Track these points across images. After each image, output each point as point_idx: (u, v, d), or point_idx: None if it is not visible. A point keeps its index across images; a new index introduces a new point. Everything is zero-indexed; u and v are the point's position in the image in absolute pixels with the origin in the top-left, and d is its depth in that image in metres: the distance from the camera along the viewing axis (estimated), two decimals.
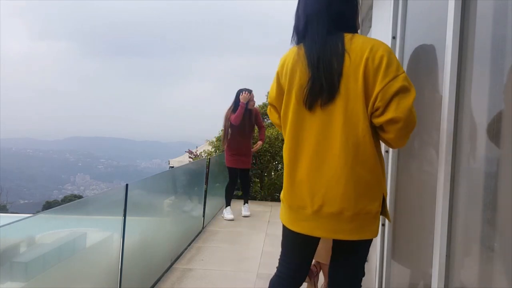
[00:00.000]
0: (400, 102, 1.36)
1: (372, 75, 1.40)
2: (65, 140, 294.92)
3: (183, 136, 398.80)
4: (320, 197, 1.46)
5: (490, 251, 1.08)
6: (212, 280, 3.12)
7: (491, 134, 1.09)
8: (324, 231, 1.49)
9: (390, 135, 1.43)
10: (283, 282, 1.69)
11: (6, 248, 1.64)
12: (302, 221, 1.52)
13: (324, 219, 1.47)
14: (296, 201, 1.53)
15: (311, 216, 1.49)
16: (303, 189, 1.50)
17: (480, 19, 1.19)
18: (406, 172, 1.86)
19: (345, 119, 1.43)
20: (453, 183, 1.26)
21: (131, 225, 2.45)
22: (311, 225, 1.50)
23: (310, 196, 1.48)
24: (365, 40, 1.46)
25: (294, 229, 1.56)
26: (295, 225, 1.56)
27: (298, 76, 1.52)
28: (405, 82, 1.37)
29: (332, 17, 1.50)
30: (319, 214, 1.47)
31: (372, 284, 2.22)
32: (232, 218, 5.13)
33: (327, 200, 1.45)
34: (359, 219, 1.45)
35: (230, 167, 5.34)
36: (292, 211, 1.56)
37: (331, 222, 1.46)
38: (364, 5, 3.36)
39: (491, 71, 1.11)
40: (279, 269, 1.73)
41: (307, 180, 1.49)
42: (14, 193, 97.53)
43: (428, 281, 1.39)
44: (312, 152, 1.49)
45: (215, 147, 6.91)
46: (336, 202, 1.44)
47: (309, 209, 1.49)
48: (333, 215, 1.45)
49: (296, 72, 1.53)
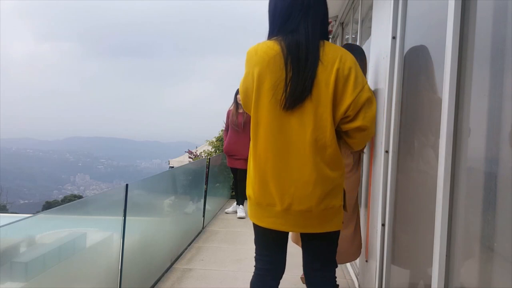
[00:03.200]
0: (367, 111, 1.51)
1: (342, 85, 1.50)
2: (65, 140, 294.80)
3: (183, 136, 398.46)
4: (290, 195, 1.52)
5: (490, 251, 1.08)
6: (212, 280, 3.12)
7: (491, 134, 1.09)
8: (292, 226, 1.57)
9: (355, 140, 1.58)
10: (262, 278, 1.73)
11: (6, 248, 1.64)
12: (271, 217, 1.58)
13: (293, 216, 1.55)
14: (266, 199, 1.57)
15: (280, 213, 1.55)
16: (272, 187, 1.55)
17: (480, 19, 1.19)
18: (406, 172, 1.86)
19: (315, 122, 1.50)
20: (453, 183, 1.26)
21: (131, 225, 2.45)
22: (279, 221, 1.56)
23: (280, 194, 1.54)
24: (335, 49, 1.55)
25: (263, 225, 1.62)
26: (263, 221, 1.61)
27: (271, 73, 1.52)
28: (370, 93, 1.52)
29: (313, 20, 1.55)
30: (288, 212, 1.54)
31: (372, 284, 2.22)
32: (243, 216, 5.15)
33: (296, 198, 1.52)
34: (325, 214, 1.56)
35: (229, 167, 5.40)
36: (260, 208, 1.60)
37: (299, 218, 1.55)
38: (364, 5, 3.36)
39: (491, 71, 1.11)
40: (256, 266, 1.76)
41: (277, 179, 1.54)
42: (14, 193, 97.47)
43: (428, 281, 1.39)
44: (282, 152, 1.53)
45: (215, 147, 6.91)
46: (305, 200, 1.52)
47: (279, 207, 1.54)
48: (302, 212, 1.53)
49: (270, 69, 1.52)
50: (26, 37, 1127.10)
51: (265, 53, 1.53)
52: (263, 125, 1.54)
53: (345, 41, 4.41)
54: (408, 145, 1.85)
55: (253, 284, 1.74)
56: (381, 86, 2.18)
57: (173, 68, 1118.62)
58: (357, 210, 2.50)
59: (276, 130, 1.53)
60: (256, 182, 1.59)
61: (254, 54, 1.56)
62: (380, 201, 2.03)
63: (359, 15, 3.51)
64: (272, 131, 1.53)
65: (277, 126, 1.53)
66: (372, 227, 2.29)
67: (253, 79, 1.55)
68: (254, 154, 1.59)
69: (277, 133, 1.53)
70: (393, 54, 1.98)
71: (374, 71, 2.40)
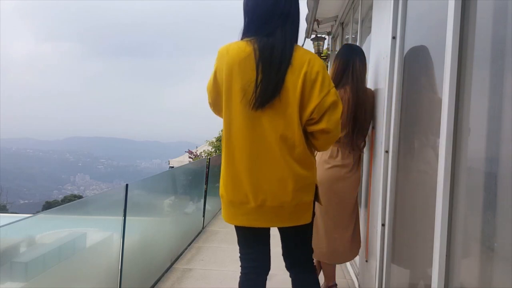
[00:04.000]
0: (331, 115, 1.56)
1: (309, 88, 1.54)
2: (65, 140, 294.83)
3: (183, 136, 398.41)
4: (263, 193, 1.57)
5: (490, 251, 1.08)
6: (212, 280, 3.12)
7: (491, 134, 1.09)
8: (265, 222, 1.63)
9: (319, 142, 1.62)
10: (249, 276, 1.76)
11: (6, 248, 1.64)
12: (244, 215, 1.62)
13: (266, 212, 1.60)
14: (239, 197, 1.61)
15: (253, 210, 1.59)
16: (246, 185, 1.58)
17: (480, 19, 1.19)
18: (406, 172, 1.86)
19: (284, 123, 1.55)
20: (453, 183, 1.26)
21: (131, 225, 2.45)
22: (253, 217, 1.61)
23: (253, 192, 1.57)
24: (304, 52, 1.59)
25: (236, 224, 1.67)
26: (235, 219, 1.66)
27: (242, 74, 1.55)
28: (335, 97, 1.57)
29: (290, 26, 1.60)
30: (262, 208, 1.59)
31: (372, 284, 2.22)
32: None
33: (270, 195, 1.57)
34: (297, 210, 1.62)
35: None
36: (232, 206, 1.64)
37: (271, 214, 1.60)
38: (364, 5, 3.36)
39: (491, 71, 1.11)
40: (242, 265, 1.78)
41: (250, 177, 1.57)
42: (14, 193, 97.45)
43: (428, 281, 1.39)
44: (254, 150, 1.57)
45: (215, 147, 6.91)
46: (277, 197, 1.57)
47: (252, 204, 1.58)
48: (274, 208, 1.59)
49: (241, 69, 1.55)
50: (27, 37, 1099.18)
51: (237, 54, 1.56)
52: (236, 124, 1.58)
53: (345, 41, 4.41)
54: (408, 145, 1.85)
55: (241, 284, 1.75)
56: (381, 86, 2.18)
57: (173, 68, 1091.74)
58: (356, 210, 2.50)
59: (248, 129, 1.56)
60: (229, 181, 1.62)
61: (225, 53, 1.59)
62: (380, 201, 2.03)
63: (359, 15, 3.51)
64: (244, 131, 1.56)
65: (249, 126, 1.56)
66: (372, 227, 2.29)
67: (222, 78, 1.59)
68: (227, 153, 1.62)
69: (249, 132, 1.56)
70: (393, 54, 1.98)
71: (374, 71, 2.41)
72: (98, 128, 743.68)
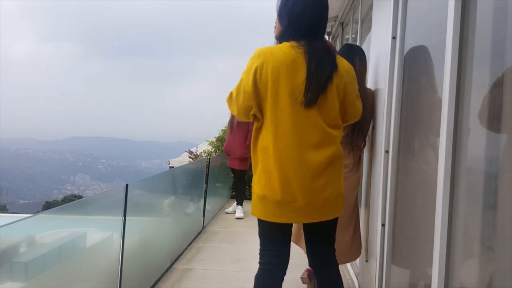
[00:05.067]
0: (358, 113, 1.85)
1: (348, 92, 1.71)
2: (65, 140, 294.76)
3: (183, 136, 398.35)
4: (311, 190, 1.64)
5: (490, 251, 1.08)
6: (212, 280, 3.12)
7: (491, 134, 1.09)
8: (311, 217, 1.70)
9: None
10: (269, 272, 1.80)
11: (6, 248, 1.64)
12: (291, 212, 1.67)
13: (312, 209, 1.66)
14: (287, 197, 1.64)
15: (300, 208, 1.65)
16: (294, 185, 1.63)
17: (480, 19, 1.19)
18: (406, 172, 1.86)
19: (326, 121, 1.66)
20: (453, 183, 1.26)
21: (131, 225, 2.44)
22: (300, 214, 1.67)
23: (302, 191, 1.63)
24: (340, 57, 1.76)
25: (283, 221, 1.71)
26: (283, 217, 1.69)
27: (292, 76, 1.60)
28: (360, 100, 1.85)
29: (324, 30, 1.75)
30: (309, 206, 1.65)
31: (372, 284, 2.22)
32: (241, 217, 5.14)
33: (316, 192, 1.64)
34: (336, 202, 1.72)
35: (229, 167, 5.44)
36: (279, 206, 1.66)
37: (317, 210, 1.68)
38: (364, 5, 3.36)
39: (491, 71, 1.11)
40: (262, 261, 1.82)
41: (298, 177, 1.63)
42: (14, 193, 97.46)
43: (428, 281, 1.39)
44: (301, 150, 1.62)
45: (215, 147, 6.90)
46: (323, 193, 1.66)
47: (300, 202, 1.64)
48: (320, 204, 1.67)
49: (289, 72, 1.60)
50: (28, 37, 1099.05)
51: (283, 57, 1.62)
52: (283, 126, 1.62)
53: (345, 41, 4.41)
54: (408, 145, 1.85)
55: (260, 279, 1.79)
56: (381, 86, 2.18)
57: (174, 68, 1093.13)
58: (356, 210, 2.50)
59: (297, 131, 1.62)
60: (276, 181, 1.64)
61: (269, 55, 1.63)
62: (380, 201, 2.03)
63: (359, 15, 3.51)
64: (293, 132, 1.62)
65: (298, 125, 1.63)
66: (372, 227, 2.29)
67: (266, 79, 1.62)
68: (274, 154, 1.64)
69: (297, 133, 1.62)
70: (393, 54, 1.98)
71: (374, 71, 2.41)
72: (98, 128, 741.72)
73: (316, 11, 1.68)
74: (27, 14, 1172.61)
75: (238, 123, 5.16)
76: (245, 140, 5.16)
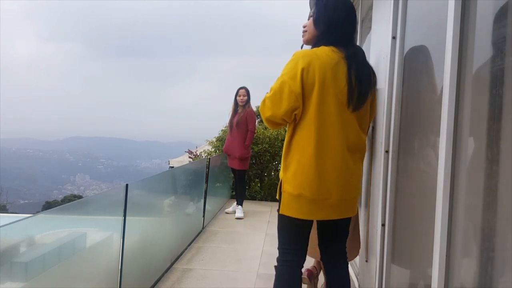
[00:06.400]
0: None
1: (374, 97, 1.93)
2: (65, 140, 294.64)
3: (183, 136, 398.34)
4: (345, 188, 1.76)
5: (490, 251, 1.08)
6: (212, 280, 3.12)
7: (491, 134, 1.09)
8: (341, 213, 1.82)
9: None
10: (293, 268, 1.88)
11: (6, 248, 1.64)
12: (324, 209, 1.77)
13: (343, 205, 1.80)
14: (322, 194, 1.73)
15: (333, 204, 1.76)
16: (332, 182, 1.73)
17: (480, 19, 1.19)
18: (406, 172, 1.86)
19: (361, 125, 1.82)
20: (453, 183, 1.25)
21: (131, 225, 2.44)
22: (332, 211, 1.78)
23: (337, 188, 1.74)
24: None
25: (317, 218, 1.84)
26: (317, 214, 1.80)
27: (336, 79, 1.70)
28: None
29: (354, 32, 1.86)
30: (340, 202, 1.77)
31: (372, 284, 2.22)
32: (241, 217, 5.14)
33: (347, 189, 1.77)
34: (356, 201, 1.89)
35: (229, 166, 5.43)
36: (314, 203, 1.74)
37: (347, 206, 1.82)
38: (364, 5, 3.36)
39: (491, 71, 1.11)
40: (287, 258, 1.87)
41: (335, 174, 1.73)
42: (14, 193, 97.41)
43: (428, 281, 1.39)
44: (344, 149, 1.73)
45: (215, 147, 6.90)
46: (352, 190, 1.81)
47: (334, 198, 1.75)
48: (348, 200, 1.81)
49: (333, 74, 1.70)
50: (30, 37, 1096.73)
51: (328, 60, 1.70)
52: (329, 127, 1.70)
53: None
54: (408, 145, 1.85)
55: (286, 275, 1.86)
56: (381, 86, 2.18)
57: (174, 68, 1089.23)
58: (356, 210, 2.50)
59: (342, 131, 1.72)
60: (315, 178, 1.71)
61: (315, 57, 1.70)
62: (380, 201, 2.03)
63: (359, 15, 3.50)
64: (340, 133, 1.72)
65: (343, 126, 1.72)
66: (372, 227, 2.29)
67: (313, 79, 1.68)
68: (315, 152, 1.70)
69: (342, 132, 1.73)
70: (393, 54, 1.98)
71: (374, 71, 2.40)
72: (98, 128, 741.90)
73: (351, 18, 1.80)
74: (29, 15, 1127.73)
75: (238, 123, 5.15)
76: (245, 140, 5.16)
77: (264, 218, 5.23)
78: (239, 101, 5.18)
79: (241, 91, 5.18)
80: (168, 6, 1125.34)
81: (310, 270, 2.61)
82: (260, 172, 6.70)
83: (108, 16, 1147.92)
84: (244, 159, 5.23)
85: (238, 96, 5.19)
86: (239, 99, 5.19)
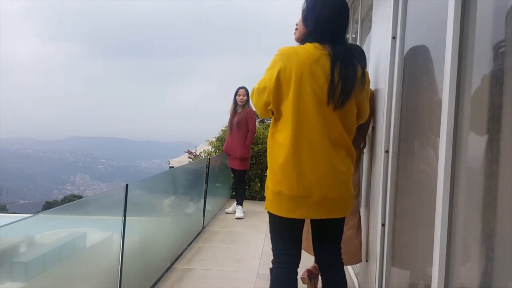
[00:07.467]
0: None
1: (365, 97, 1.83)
2: (65, 140, 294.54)
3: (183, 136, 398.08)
4: (326, 186, 1.69)
5: (490, 251, 1.08)
6: (212, 280, 3.12)
7: (491, 134, 1.09)
8: (325, 213, 1.74)
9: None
10: (289, 271, 1.83)
11: (6, 248, 1.64)
12: (305, 208, 1.71)
13: (327, 204, 1.72)
14: (303, 192, 1.68)
15: (315, 203, 1.69)
16: (312, 180, 1.68)
17: (480, 19, 1.19)
18: (406, 172, 1.86)
19: (344, 124, 1.72)
20: (453, 183, 1.25)
21: (131, 225, 2.44)
22: (314, 210, 1.72)
23: (318, 185, 1.68)
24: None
25: (296, 217, 1.74)
26: (297, 212, 1.72)
27: (314, 76, 1.65)
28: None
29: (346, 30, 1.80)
30: (324, 201, 1.70)
31: (372, 284, 2.22)
32: (241, 217, 5.14)
33: (332, 188, 1.70)
34: (347, 202, 1.78)
35: (229, 167, 5.44)
36: (293, 201, 1.70)
37: (332, 205, 1.73)
38: (364, 5, 3.36)
39: (491, 71, 1.11)
40: (280, 260, 1.83)
41: (315, 172, 1.68)
42: (14, 193, 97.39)
43: (428, 282, 1.39)
44: (323, 147, 1.68)
45: (215, 147, 6.90)
46: (337, 189, 1.72)
47: (316, 197, 1.68)
48: (334, 200, 1.72)
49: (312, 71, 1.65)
50: (30, 37, 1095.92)
51: (307, 57, 1.66)
52: (308, 124, 1.67)
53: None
54: (408, 145, 1.85)
55: (280, 277, 1.82)
56: (381, 86, 2.18)
57: (174, 68, 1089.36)
58: (357, 211, 2.50)
59: (322, 128, 1.67)
60: (293, 176, 1.68)
61: (294, 54, 1.68)
62: (380, 201, 2.03)
63: (359, 15, 3.51)
64: (319, 129, 1.67)
65: (323, 125, 1.67)
66: (372, 227, 2.29)
67: (290, 77, 1.66)
68: (293, 150, 1.68)
69: (322, 131, 1.68)
70: (393, 54, 1.98)
71: (374, 71, 2.40)
72: (98, 128, 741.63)
73: (340, 16, 1.75)
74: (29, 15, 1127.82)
75: (238, 123, 5.15)
76: (245, 140, 5.16)
77: (264, 218, 5.22)
78: (238, 101, 5.19)
79: (241, 91, 5.18)
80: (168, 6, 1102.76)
81: (310, 270, 2.61)
82: (260, 172, 6.70)
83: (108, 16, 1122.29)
84: (244, 159, 5.23)
85: (238, 96, 5.20)
86: (239, 98, 5.19)
